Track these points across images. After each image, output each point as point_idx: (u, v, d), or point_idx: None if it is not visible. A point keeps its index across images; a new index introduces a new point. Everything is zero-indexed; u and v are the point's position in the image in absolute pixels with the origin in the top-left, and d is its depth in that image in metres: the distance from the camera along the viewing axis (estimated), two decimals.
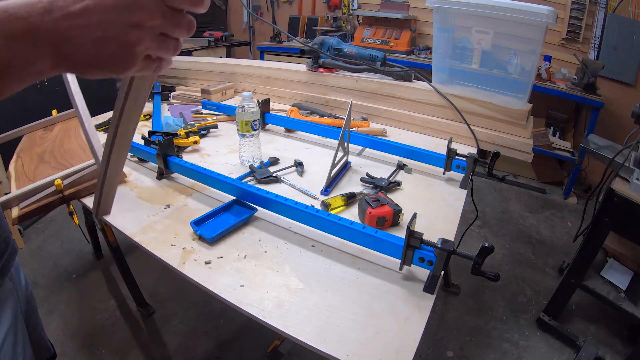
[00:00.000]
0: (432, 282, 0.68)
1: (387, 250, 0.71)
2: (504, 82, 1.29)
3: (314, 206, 0.82)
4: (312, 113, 1.55)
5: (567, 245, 2.17)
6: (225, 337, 1.53)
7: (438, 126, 1.38)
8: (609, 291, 1.45)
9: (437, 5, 1.28)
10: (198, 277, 0.70)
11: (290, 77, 1.66)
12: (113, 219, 0.88)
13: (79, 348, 1.45)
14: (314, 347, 0.57)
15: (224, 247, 0.79)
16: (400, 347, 0.57)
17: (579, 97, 2.47)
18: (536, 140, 2.55)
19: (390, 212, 0.83)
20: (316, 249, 0.79)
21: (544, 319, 1.59)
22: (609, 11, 2.56)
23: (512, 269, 1.98)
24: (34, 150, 1.24)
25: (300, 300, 0.66)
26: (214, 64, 1.84)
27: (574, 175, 2.67)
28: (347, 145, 1.11)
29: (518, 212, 2.53)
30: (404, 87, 1.45)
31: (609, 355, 1.46)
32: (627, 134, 1.42)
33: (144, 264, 1.79)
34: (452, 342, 1.54)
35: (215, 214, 0.87)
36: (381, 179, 1.03)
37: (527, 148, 1.26)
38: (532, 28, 1.15)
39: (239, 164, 1.13)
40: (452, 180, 1.07)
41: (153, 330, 1.55)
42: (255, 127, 1.08)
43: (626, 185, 1.28)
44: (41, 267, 1.88)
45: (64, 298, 1.69)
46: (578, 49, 2.76)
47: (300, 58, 1.66)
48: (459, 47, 1.34)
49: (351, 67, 1.56)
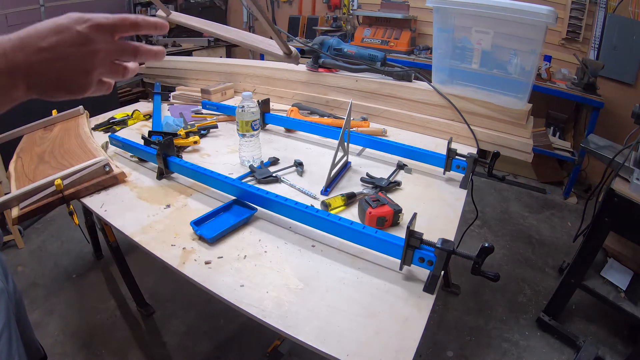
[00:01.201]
0: (432, 282, 0.68)
1: (387, 250, 0.71)
2: (504, 82, 1.29)
3: (314, 206, 0.82)
4: (312, 113, 1.55)
5: (567, 245, 2.17)
6: (225, 337, 1.53)
7: (438, 126, 1.38)
8: (609, 291, 1.45)
9: (437, 5, 1.28)
10: (198, 277, 0.70)
11: (290, 77, 1.66)
12: (113, 219, 0.88)
13: (79, 348, 1.45)
14: (314, 347, 0.57)
15: (224, 247, 0.79)
16: (400, 347, 0.57)
17: (579, 97, 2.47)
18: (536, 140, 2.55)
19: (390, 212, 0.83)
20: (316, 249, 0.79)
21: (544, 319, 1.59)
22: (609, 11, 2.56)
23: (512, 269, 1.97)
24: (34, 150, 1.24)
25: (300, 300, 0.66)
26: (214, 64, 1.84)
27: (574, 175, 2.67)
28: (347, 145, 1.11)
29: (518, 212, 2.53)
30: (404, 87, 1.45)
31: (609, 355, 1.46)
32: (627, 134, 1.42)
33: (144, 264, 1.79)
34: (452, 342, 1.54)
35: (215, 214, 0.87)
36: (381, 179, 1.03)
37: (527, 148, 1.26)
38: (532, 28, 1.15)
39: (239, 164, 1.13)
40: (452, 180, 1.07)
41: (153, 330, 1.55)
42: (255, 127, 1.08)
43: (626, 185, 1.28)
44: (41, 267, 1.88)
45: (64, 298, 1.69)
46: (578, 49, 2.76)
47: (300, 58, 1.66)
48: (459, 47, 1.34)
49: (351, 67, 1.56)
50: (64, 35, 0.37)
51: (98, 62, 0.40)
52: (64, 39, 0.37)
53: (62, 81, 0.39)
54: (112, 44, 0.40)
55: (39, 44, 0.37)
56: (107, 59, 0.41)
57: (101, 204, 0.94)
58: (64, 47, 0.37)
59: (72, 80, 0.39)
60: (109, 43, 0.40)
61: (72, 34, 0.38)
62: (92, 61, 0.39)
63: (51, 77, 0.38)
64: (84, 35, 0.38)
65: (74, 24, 0.38)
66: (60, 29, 0.38)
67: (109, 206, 0.93)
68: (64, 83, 0.39)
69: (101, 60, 0.40)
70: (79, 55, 0.38)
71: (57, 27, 0.38)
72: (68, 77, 0.39)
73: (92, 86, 0.41)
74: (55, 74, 0.38)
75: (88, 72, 0.40)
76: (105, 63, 0.41)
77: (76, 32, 0.38)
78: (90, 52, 0.39)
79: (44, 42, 0.37)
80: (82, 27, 0.38)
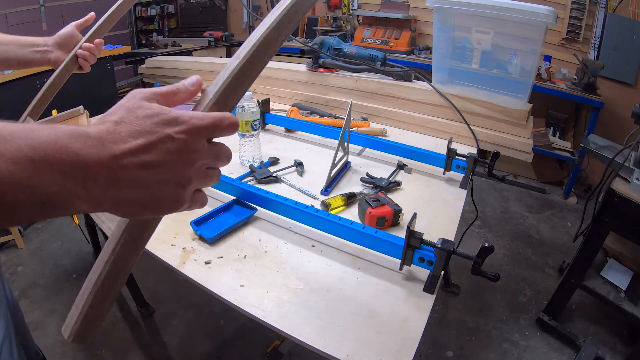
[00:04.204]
0: (432, 282, 0.68)
1: (387, 250, 0.71)
2: (504, 82, 1.29)
3: (314, 206, 0.81)
4: (312, 113, 1.55)
5: (567, 245, 2.17)
6: (225, 337, 1.53)
7: (438, 126, 1.38)
8: (609, 291, 1.45)
9: (437, 5, 1.28)
10: (198, 277, 0.70)
11: (290, 77, 1.66)
12: (113, 219, 0.88)
13: (79, 348, 1.45)
14: (314, 347, 0.57)
15: (224, 247, 0.79)
16: (400, 347, 0.57)
17: (579, 97, 2.47)
18: (536, 140, 2.55)
19: (390, 212, 0.83)
20: (316, 249, 0.79)
21: (544, 319, 1.59)
22: (609, 11, 2.56)
23: (512, 269, 1.97)
24: None
25: (300, 300, 0.66)
26: (214, 64, 1.84)
27: (574, 175, 2.67)
28: (347, 145, 1.11)
29: (518, 212, 2.53)
30: (404, 87, 1.45)
31: (609, 355, 1.46)
32: (627, 134, 1.42)
33: (144, 264, 1.79)
34: (452, 342, 1.54)
35: (215, 214, 0.87)
36: (381, 179, 1.03)
37: (527, 148, 1.26)
38: (532, 28, 1.15)
39: (239, 164, 1.13)
40: (452, 180, 1.07)
41: (153, 330, 1.55)
42: (255, 127, 1.08)
43: (626, 185, 1.28)
44: (41, 267, 1.88)
45: (64, 298, 1.69)
46: (578, 49, 2.76)
47: (300, 58, 1.66)
48: (459, 47, 1.34)
49: (351, 67, 1.56)
50: (153, 140, 0.29)
51: (194, 173, 0.32)
52: (154, 146, 0.29)
53: (150, 197, 0.30)
54: (209, 150, 0.33)
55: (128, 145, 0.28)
56: (204, 167, 0.33)
57: None
58: (165, 154, 0.29)
59: (164, 199, 0.31)
60: (205, 148, 0.32)
61: (163, 139, 0.29)
62: (190, 172, 0.32)
63: (136, 192, 0.29)
64: (181, 143, 0.30)
65: (162, 127, 0.30)
66: (145, 131, 0.29)
67: None
68: (154, 202, 0.31)
69: (197, 170, 0.32)
70: (179, 164, 0.31)
71: (144, 130, 0.29)
72: (159, 195, 0.30)
73: (186, 202, 0.33)
74: (143, 189, 0.30)
75: (184, 186, 0.32)
76: (201, 172, 0.33)
77: (168, 137, 0.30)
78: (187, 161, 0.31)
79: (135, 140, 0.29)
80: (175, 132, 0.30)
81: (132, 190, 0.29)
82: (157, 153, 0.29)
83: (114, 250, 0.37)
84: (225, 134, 0.33)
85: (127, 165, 0.28)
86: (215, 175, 0.36)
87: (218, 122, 0.32)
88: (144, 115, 0.30)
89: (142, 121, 0.29)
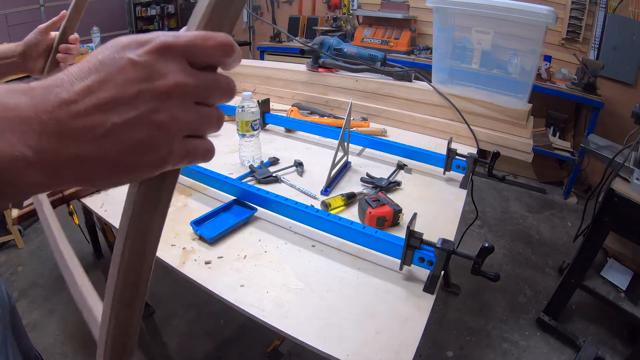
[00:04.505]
0: (432, 282, 0.68)
1: (387, 250, 0.71)
2: (504, 82, 1.29)
3: (314, 206, 0.82)
4: (312, 113, 1.55)
5: (567, 245, 2.17)
6: (225, 337, 1.53)
7: (438, 126, 1.38)
8: (609, 291, 1.45)
9: (437, 5, 1.28)
10: (198, 277, 0.70)
11: (290, 77, 1.65)
12: (113, 219, 0.88)
13: (79, 348, 1.45)
14: (314, 347, 0.57)
15: (224, 247, 0.79)
16: (400, 347, 0.57)
17: (579, 97, 2.47)
18: (536, 140, 2.55)
19: (390, 212, 0.83)
20: (316, 249, 0.79)
21: (544, 319, 1.59)
22: (609, 11, 2.56)
23: (512, 269, 1.98)
24: None
25: (300, 300, 0.66)
26: None
27: (574, 175, 2.67)
28: (347, 145, 1.11)
29: (518, 212, 2.53)
30: (404, 87, 1.45)
31: (609, 355, 1.46)
32: (627, 134, 1.42)
33: None
34: (452, 342, 1.54)
35: (215, 214, 0.87)
36: (381, 179, 1.03)
37: (527, 148, 1.26)
38: (532, 28, 1.15)
39: (239, 164, 1.13)
40: (452, 180, 1.07)
41: (153, 330, 1.55)
42: (255, 127, 1.08)
43: (626, 185, 1.28)
44: (41, 267, 1.88)
45: (64, 298, 1.69)
46: (578, 49, 2.76)
47: (300, 58, 1.66)
48: (459, 47, 1.34)
49: (351, 67, 1.56)
50: (109, 72, 0.22)
51: (175, 108, 0.24)
52: (111, 78, 0.22)
53: (123, 153, 0.23)
54: (198, 79, 0.24)
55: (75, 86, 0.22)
56: (190, 101, 0.25)
57: (101, 204, 0.94)
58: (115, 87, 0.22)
59: (138, 148, 0.23)
60: (189, 76, 0.24)
61: (123, 67, 0.22)
62: (167, 106, 0.23)
63: (99, 145, 0.22)
64: (147, 66, 0.23)
65: (122, 52, 0.23)
66: (103, 63, 0.23)
67: (109, 206, 0.93)
68: (126, 156, 0.23)
69: (180, 105, 0.24)
70: (141, 99, 0.23)
71: (98, 62, 0.23)
72: (129, 143, 0.23)
73: (174, 151, 0.25)
74: (110, 143, 0.22)
75: (160, 126, 0.23)
76: (188, 108, 0.25)
77: (130, 62, 0.22)
78: (158, 91, 0.23)
79: (80, 82, 0.22)
80: (137, 54, 0.23)
81: (93, 144, 0.22)
82: (116, 86, 0.22)
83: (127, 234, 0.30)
84: (212, 61, 0.25)
85: (81, 110, 0.21)
86: (214, 116, 0.26)
87: (200, 41, 0.24)
88: (102, 49, 0.23)
89: (99, 54, 0.23)
